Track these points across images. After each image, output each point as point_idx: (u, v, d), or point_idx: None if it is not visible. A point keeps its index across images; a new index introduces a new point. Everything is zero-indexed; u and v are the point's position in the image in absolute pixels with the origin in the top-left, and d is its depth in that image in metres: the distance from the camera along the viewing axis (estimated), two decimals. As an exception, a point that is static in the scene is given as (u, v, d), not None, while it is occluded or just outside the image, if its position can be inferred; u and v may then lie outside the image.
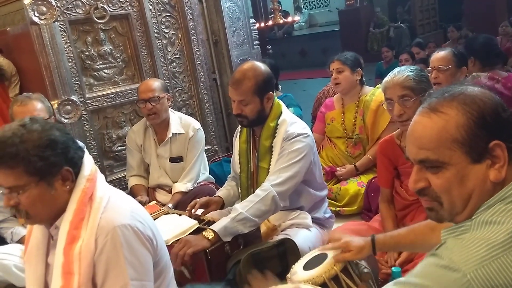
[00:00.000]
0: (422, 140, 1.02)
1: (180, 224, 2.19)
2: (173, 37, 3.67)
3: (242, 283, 1.80)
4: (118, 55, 3.43)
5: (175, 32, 3.68)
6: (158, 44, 3.56)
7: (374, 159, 3.04)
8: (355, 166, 3.22)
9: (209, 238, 1.96)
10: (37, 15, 2.94)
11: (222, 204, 2.41)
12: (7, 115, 2.91)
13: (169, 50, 3.65)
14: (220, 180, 3.26)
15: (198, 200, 2.34)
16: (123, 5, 3.38)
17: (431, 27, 11.45)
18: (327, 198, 2.61)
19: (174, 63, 3.70)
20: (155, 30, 3.53)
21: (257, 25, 5.14)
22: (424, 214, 2.08)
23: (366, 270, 1.60)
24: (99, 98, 3.33)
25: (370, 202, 2.92)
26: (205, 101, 3.84)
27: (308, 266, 1.63)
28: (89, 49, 3.28)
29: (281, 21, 8.14)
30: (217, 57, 4.03)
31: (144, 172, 3.21)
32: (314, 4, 15.64)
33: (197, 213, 2.30)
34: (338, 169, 3.27)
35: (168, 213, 2.41)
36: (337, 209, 3.06)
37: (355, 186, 3.10)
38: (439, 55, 3.02)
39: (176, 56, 3.70)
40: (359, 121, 3.27)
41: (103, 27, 3.32)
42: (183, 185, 3.01)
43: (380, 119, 3.16)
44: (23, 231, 2.58)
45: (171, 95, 3.32)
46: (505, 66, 4.24)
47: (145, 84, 3.06)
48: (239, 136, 2.47)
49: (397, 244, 1.67)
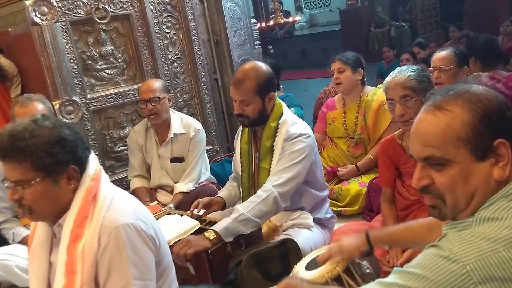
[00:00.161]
0: (427, 138, 1.02)
1: (182, 225, 2.19)
2: (174, 38, 3.67)
3: (244, 283, 1.81)
4: (119, 55, 3.43)
5: (176, 32, 3.68)
6: (159, 45, 3.56)
7: (375, 159, 3.04)
8: (356, 166, 3.21)
9: (211, 239, 1.96)
10: (39, 15, 2.94)
11: (223, 205, 2.42)
12: (9, 115, 2.91)
13: (170, 50, 3.65)
14: (222, 181, 3.26)
15: (200, 201, 2.34)
16: (124, 6, 3.38)
17: (432, 26, 11.44)
18: (329, 198, 2.61)
19: (175, 64, 3.69)
20: (156, 31, 3.53)
21: (258, 25, 5.15)
22: (426, 214, 2.08)
23: (368, 271, 1.60)
24: (101, 99, 3.33)
25: (372, 202, 2.92)
26: (206, 101, 3.84)
27: (310, 267, 1.63)
28: (90, 50, 3.28)
29: (282, 21, 8.14)
30: (218, 57, 4.03)
31: (146, 173, 3.21)
32: (315, 4, 15.63)
33: (198, 213, 2.30)
34: (339, 169, 3.27)
35: (169, 214, 2.41)
36: (339, 209, 3.05)
37: (356, 186, 3.09)
38: (440, 55, 3.01)
39: (177, 56, 3.70)
40: (360, 121, 3.27)
41: (104, 28, 3.32)
42: (185, 186, 3.01)
43: (381, 119, 3.16)
44: (25, 232, 2.58)
45: (172, 96, 3.31)
46: (506, 66, 4.24)
47: (146, 84, 3.06)
48: (241, 137, 2.47)
49: (393, 241, 1.68)
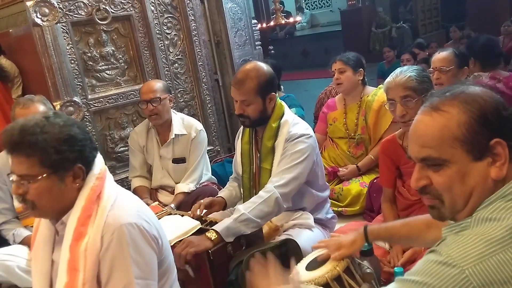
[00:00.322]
0: (424, 138, 1.03)
1: (183, 225, 2.19)
2: (175, 38, 3.67)
3: (245, 283, 1.80)
4: (120, 56, 3.43)
5: (177, 33, 3.68)
6: (160, 45, 3.56)
7: (376, 159, 3.04)
8: (357, 166, 3.22)
9: (212, 239, 1.96)
10: (40, 16, 2.95)
11: (224, 205, 2.42)
12: (10, 116, 2.91)
13: (171, 51, 3.65)
14: (222, 181, 3.26)
15: (201, 202, 2.34)
16: (125, 7, 3.38)
17: (433, 27, 11.43)
18: (329, 199, 2.61)
19: (176, 64, 3.70)
20: (157, 31, 3.54)
21: (259, 25, 5.14)
22: (426, 214, 2.09)
23: (368, 271, 1.60)
24: (102, 99, 3.34)
25: (373, 202, 2.92)
26: (207, 102, 3.84)
27: (310, 267, 1.63)
28: (91, 50, 3.29)
29: (283, 22, 8.12)
30: (219, 58, 4.03)
31: (146, 173, 3.21)
32: (316, 5, 15.62)
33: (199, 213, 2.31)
34: (340, 169, 3.27)
35: (170, 214, 2.41)
36: (340, 209, 3.05)
37: (357, 186, 3.10)
38: (440, 56, 3.00)
39: (178, 57, 3.70)
40: (361, 121, 3.27)
41: (105, 29, 3.32)
42: (186, 186, 3.01)
43: (382, 119, 3.16)
44: (25, 233, 2.59)
45: (173, 96, 3.32)
46: (507, 66, 4.24)
47: (147, 85, 3.07)
48: (242, 137, 2.46)
49: (391, 236, 1.68)
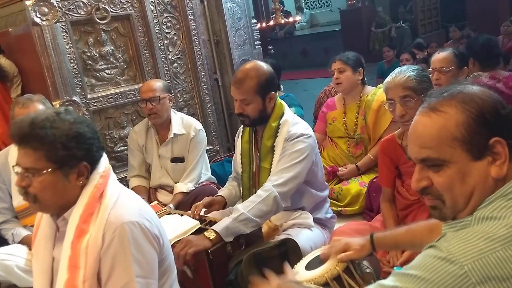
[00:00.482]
0: (423, 139, 1.03)
1: (182, 225, 2.19)
2: (175, 38, 3.67)
3: (244, 283, 1.80)
4: (120, 55, 3.43)
5: (177, 32, 3.68)
6: (159, 45, 3.56)
7: (375, 158, 3.03)
8: (356, 166, 3.21)
9: (211, 238, 1.96)
10: (39, 16, 2.95)
11: (224, 204, 2.42)
12: (9, 116, 2.91)
13: (170, 50, 3.65)
14: (222, 180, 3.26)
15: (201, 202, 2.34)
16: (124, 6, 3.38)
17: (433, 26, 11.43)
18: (329, 198, 2.61)
19: (176, 64, 3.70)
20: (157, 31, 3.54)
21: (259, 25, 5.15)
22: (425, 214, 2.09)
23: (368, 270, 1.60)
24: (101, 99, 3.34)
25: (372, 202, 2.92)
26: (207, 101, 3.84)
27: (310, 266, 1.63)
28: (90, 50, 3.29)
29: (283, 21, 8.14)
30: (218, 57, 4.03)
31: (145, 173, 3.21)
32: (316, 4, 15.62)
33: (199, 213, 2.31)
34: (339, 169, 3.27)
35: (169, 213, 2.41)
36: (339, 209, 3.05)
37: (356, 186, 3.09)
38: (440, 56, 2.98)
39: (178, 56, 3.70)
40: (360, 121, 3.27)
41: (104, 28, 3.32)
42: (185, 186, 3.01)
43: (381, 119, 3.15)
44: (24, 232, 2.59)
45: (173, 96, 3.32)
46: (507, 66, 4.24)
47: (146, 84, 3.07)
48: (241, 136, 2.46)
49: (396, 243, 1.68)
